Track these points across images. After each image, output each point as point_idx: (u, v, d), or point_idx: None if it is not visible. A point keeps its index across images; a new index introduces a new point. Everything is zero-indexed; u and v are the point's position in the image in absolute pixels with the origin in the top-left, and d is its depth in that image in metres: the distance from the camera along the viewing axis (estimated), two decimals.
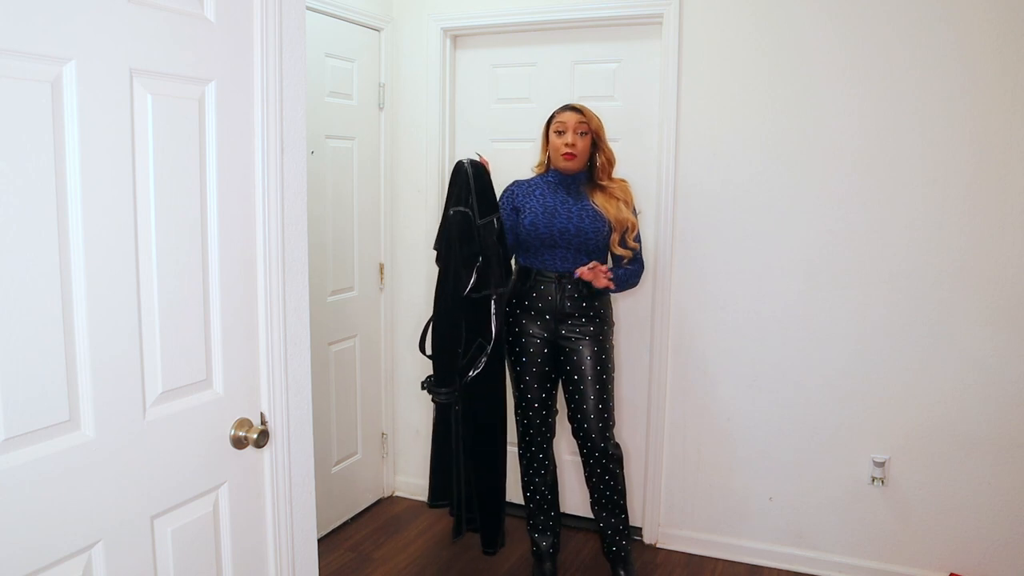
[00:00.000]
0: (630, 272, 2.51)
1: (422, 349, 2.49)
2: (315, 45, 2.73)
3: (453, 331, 2.40)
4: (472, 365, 2.42)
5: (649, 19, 2.78)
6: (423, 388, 2.48)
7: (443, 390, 2.42)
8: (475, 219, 2.35)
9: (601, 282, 2.36)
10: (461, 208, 2.35)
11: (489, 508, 2.53)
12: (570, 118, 2.44)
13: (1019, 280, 2.43)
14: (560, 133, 2.45)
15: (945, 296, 2.51)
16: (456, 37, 3.12)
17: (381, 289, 3.26)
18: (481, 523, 2.54)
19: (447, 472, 2.51)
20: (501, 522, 2.57)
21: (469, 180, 2.36)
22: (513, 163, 2.77)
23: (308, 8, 1.93)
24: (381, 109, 3.15)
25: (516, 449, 2.65)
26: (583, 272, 2.35)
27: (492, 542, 2.56)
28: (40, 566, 1.09)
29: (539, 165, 2.61)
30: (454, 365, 2.41)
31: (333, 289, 2.97)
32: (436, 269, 2.48)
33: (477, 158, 2.45)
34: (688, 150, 2.76)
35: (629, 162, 2.90)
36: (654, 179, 2.84)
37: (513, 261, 2.59)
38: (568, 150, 2.43)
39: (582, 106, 2.49)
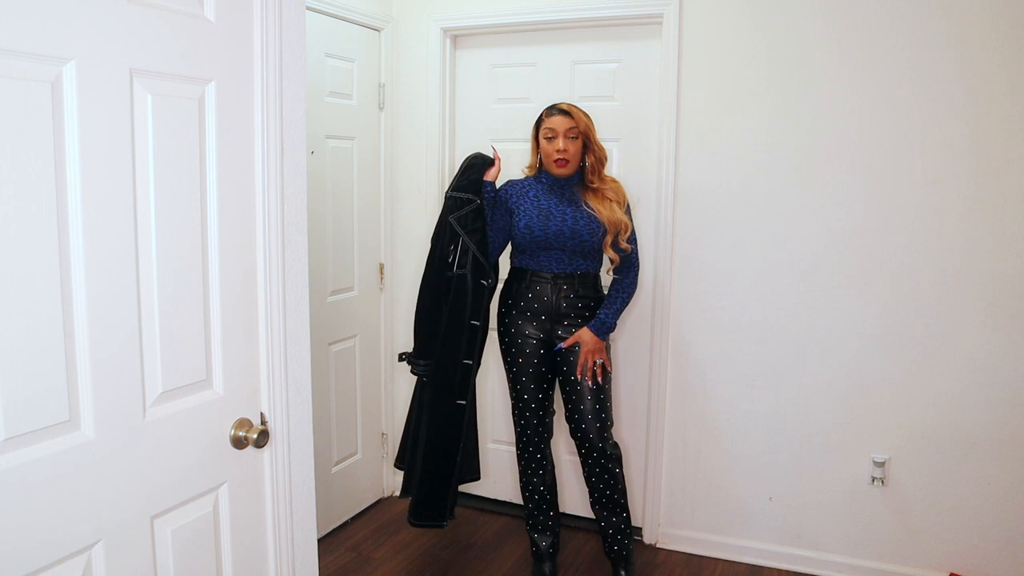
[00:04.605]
0: (627, 290, 2.48)
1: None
2: (315, 45, 2.73)
3: (433, 305, 2.49)
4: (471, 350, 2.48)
5: (649, 19, 2.78)
6: (401, 359, 2.60)
7: (421, 361, 2.51)
8: (458, 203, 2.48)
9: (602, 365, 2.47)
10: (450, 192, 2.52)
11: (428, 478, 2.50)
12: (559, 123, 2.41)
13: (1019, 280, 2.43)
14: (550, 139, 2.43)
15: (945, 296, 2.51)
16: (456, 37, 3.12)
17: (381, 289, 3.26)
18: (417, 491, 2.52)
19: (407, 434, 2.63)
20: (439, 497, 2.51)
21: (462, 169, 2.55)
22: (514, 163, 2.77)
23: (308, 8, 1.93)
24: (381, 109, 3.15)
25: (514, 448, 2.65)
26: (575, 350, 2.48)
27: (418, 512, 2.52)
28: (40, 566, 1.09)
29: (530, 167, 2.59)
30: (434, 338, 2.49)
31: (333, 289, 2.97)
32: None
33: (492, 151, 2.57)
34: (688, 150, 2.76)
35: (629, 162, 2.90)
36: (654, 179, 2.84)
37: (508, 261, 2.60)
38: (560, 156, 2.41)
39: (569, 106, 2.45)
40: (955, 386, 2.53)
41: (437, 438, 2.49)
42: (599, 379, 2.45)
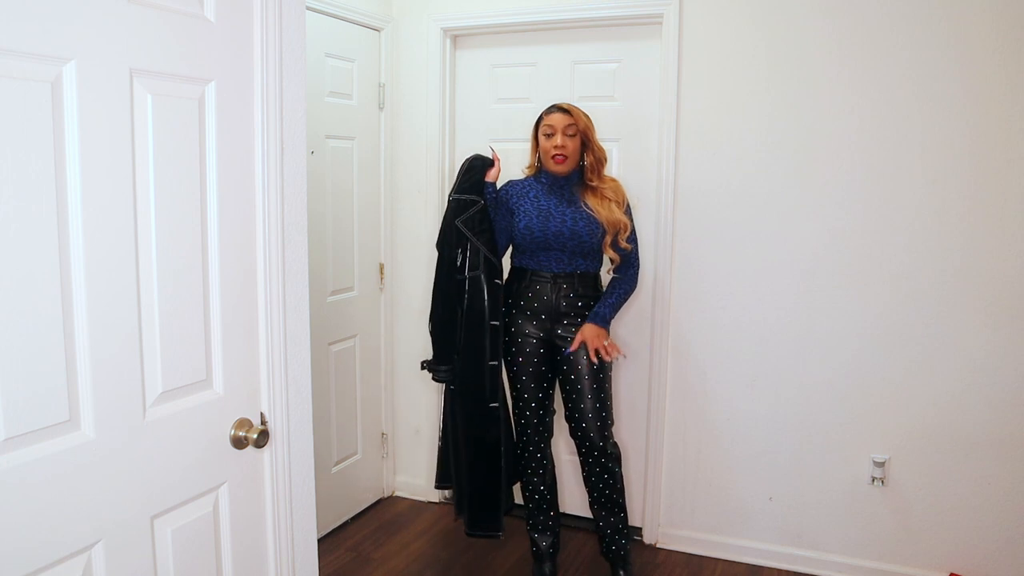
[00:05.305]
0: (627, 285, 2.51)
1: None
2: (315, 45, 2.73)
3: (448, 310, 2.49)
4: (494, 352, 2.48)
5: (649, 19, 2.78)
6: (423, 368, 2.60)
7: (442, 368, 2.53)
8: (462, 206, 2.48)
9: (610, 355, 2.45)
10: (454, 195, 2.51)
11: (476, 487, 2.52)
12: (558, 120, 2.43)
13: (1019, 280, 2.43)
14: (549, 136, 2.44)
15: (945, 296, 2.51)
16: (456, 37, 3.12)
17: (381, 289, 3.26)
18: (468, 502, 2.54)
19: (446, 452, 2.63)
20: (491, 505, 2.53)
21: (462, 171, 2.53)
22: (514, 163, 2.77)
23: (308, 8, 1.93)
24: (381, 109, 3.15)
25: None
26: (579, 344, 2.44)
27: (474, 523, 2.54)
28: (40, 566, 1.09)
29: (529, 167, 2.61)
30: (450, 343, 2.49)
31: (333, 289, 2.97)
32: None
33: (491, 152, 2.57)
34: (688, 150, 2.76)
35: (629, 162, 2.90)
36: (654, 179, 2.84)
37: (508, 261, 2.60)
38: (558, 152, 2.42)
39: (569, 106, 2.48)
40: (955, 386, 2.53)
41: (478, 446, 2.49)
42: (612, 355, 2.43)
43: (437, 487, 2.73)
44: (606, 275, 2.57)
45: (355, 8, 2.93)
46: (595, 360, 2.43)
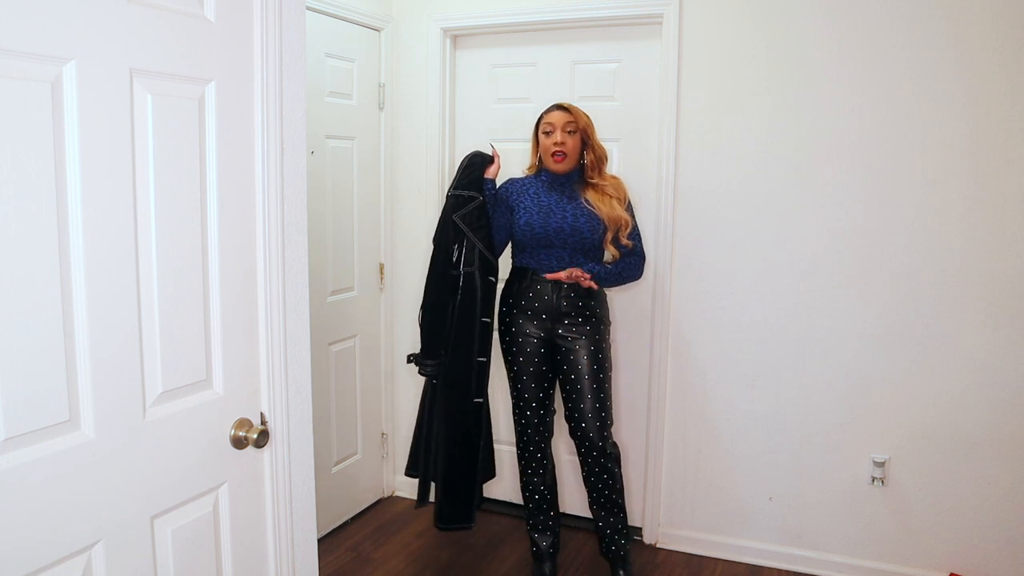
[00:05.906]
0: (626, 266, 2.51)
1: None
2: (315, 45, 2.73)
3: (440, 304, 2.49)
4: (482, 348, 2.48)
5: (649, 19, 2.78)
6: (409, 361, 2.59)
7: (429, 362, 2.51)
8: (461, 201, 2.47)
9: (585, 284, 2.38)
10: (453, 190, 2.51)
11: (452, 481, 2.51)
12: (557, 118, 2.45)
13: (1019, 280, 2.43)
14: (548, 133, 2.46)
15: (945, 296, 2.51)
16: (456, 37, 3.12)
17: (381, 289, 3.26)
18: (443, 495, 2.53)
19: (418, 442, 2.63)
20: (465, 499, 2.53)
21: (462, 167, 2.53)
22: (513, 163, 2.77)
23: (308, 8, 1.93)
24: (381, 109, 3.15)
25: (514, 448, 2.65)
26: (561, 276, 2.37)
27: (449, 517, 2.53)
28: (40, 566, 1.09)
29: (530, 167, 2.62)
30: (439, 338, 2.49)
31: (333, 289, 2.97)
32: None
33: (490, 149, 2.57)
34: (688, 150, 2.76)
35: (629, 162, 2.90)
36: (654, 179, 2.84)
37: (509, 260, 2.60)
38: (557, 149, 2.43)
39: (569, 104, 2.50)
40: (955, 386, 2.53)
41: (457, 439, 2.50)
42: (578, 275, 2.37)
43: (406, 475, 2.72)
44: None
45: (355, 8, 2.93)
46: (563, 276, 2.36)
